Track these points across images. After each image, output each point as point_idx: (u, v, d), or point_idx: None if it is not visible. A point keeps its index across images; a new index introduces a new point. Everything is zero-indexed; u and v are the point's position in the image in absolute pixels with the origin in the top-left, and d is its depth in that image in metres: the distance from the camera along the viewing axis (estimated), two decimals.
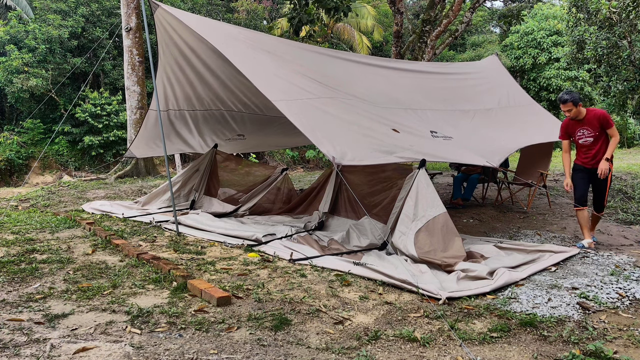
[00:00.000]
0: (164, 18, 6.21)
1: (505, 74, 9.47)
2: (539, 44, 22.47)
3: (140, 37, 12.60)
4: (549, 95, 22.42)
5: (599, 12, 11.12)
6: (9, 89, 15.34)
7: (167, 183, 7.12)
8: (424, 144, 5.62)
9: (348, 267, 4.49)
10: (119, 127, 16.27)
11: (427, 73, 8.25)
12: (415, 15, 25.30)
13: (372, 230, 5.47)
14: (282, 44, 6.93)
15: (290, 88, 5.46)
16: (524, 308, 3.60)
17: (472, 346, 2.99)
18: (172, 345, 2.93)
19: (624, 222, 6.80)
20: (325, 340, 3.05)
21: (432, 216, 4.78)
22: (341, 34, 21.24)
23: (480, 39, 27.46)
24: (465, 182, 8.27)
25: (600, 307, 3.62)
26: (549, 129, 7.99)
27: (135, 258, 4.75)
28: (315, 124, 5.04)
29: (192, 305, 3.56)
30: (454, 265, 4.39)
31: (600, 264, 4.71)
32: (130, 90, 12.68)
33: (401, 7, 12.36)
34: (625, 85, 12.10)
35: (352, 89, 6.28)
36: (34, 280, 4.08)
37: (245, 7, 20.34)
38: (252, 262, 4.77)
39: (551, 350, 2.93)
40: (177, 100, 7.47)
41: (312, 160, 18.78)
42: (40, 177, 15.80)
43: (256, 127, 8.70)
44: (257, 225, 6.35)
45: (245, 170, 8.25)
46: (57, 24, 16.12)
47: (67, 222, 6.50)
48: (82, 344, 2.88)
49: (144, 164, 13.13)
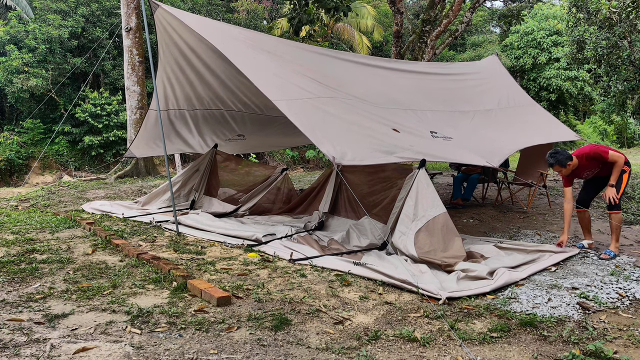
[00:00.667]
0: (164, 18, 6.21)
1: (505, 74, 9.47)
2: (539, 44, 22.48)
3: (140, 37, 12.60)
4: (549, 95, 22.43)
5: (599, 12, 11.12)
6: (9, 89, 15.34)
7: (167, 183, 7.12)
8: (424, 144, 5.61)
9: (348, 267, 4.49)
10: (119, 127, 16.26)
11: (427, 74, 8.24)
12: (415, 15, 25.30)
13: (372, 230, 5.47)
14: (282, 44, 6.93)
15: (291, 88, 5.46)
16: (524, 308, 3.60)
17: (472, 346, 2.99)
18: (172, 345, 2.93)
19: (624, 222, 6.80)
20: (325, 340, 3.05)
21: (432, 216, 4.78)
22: (341, 34, 21.23)
23: (480, 39, 27.47)
24: (465, 182, 8.27)
25: (600, 307, 3.62)
26: (549, 129, 7.99)
27: (135, 258, 4.75)
28: (315, 124, 5.04)
29: (192, 305, 3.56)
30: (454, 265, 4.40)
31: (600, 264, 4.72)
32: (130, 90, 12.68)
33: (401, 7, 12.36)
34: (625, 85, 12.10)
35: (352, 89, 6.28)
36: (34, 280, 4.08)
37: (245, 7, 20.34)
38: (252, 262, 4.77)
39: (551, 350, 2.94)
40: (177, 100, 7.47)
41: (312, 160, 18.77)
42: (40, 177, 15.80)
43: (256, 127, 8.70)
44: (257, 225, 6.35)
45: (245, 170, 8.25)
46: (57, 24, 16.12)
47: (67, 222, 6.50)
48: (82, 344, 2.88)
49: (144, 164, 13.13)
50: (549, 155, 5.14)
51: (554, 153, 5.13)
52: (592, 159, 5.09)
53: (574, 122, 25.54)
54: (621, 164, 4.97)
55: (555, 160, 5.08)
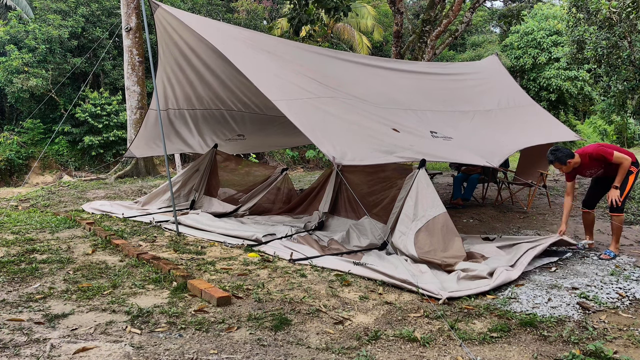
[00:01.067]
0: (164, 18, 6.21)
1: (505, 74, 9.47)
2: (539, 44, 22.48)
3: (140, 37, 12.60)
4: (549, 95, 22.43)
5: (599, 12, 11.12)
6: (9, 89, 15.34)
7: (167, 183, 7.12)
8: (424, 144, 5.62)
9: (348, 267, 4.49)
10: (119, 127, 16.26)
11: (427, 74, 8.25)
12: (415, 15, 25.30)
13: (372, 230, 5.47)
14: (282, 44, 6.93)
15: (291, 88, 5.46)
16: (524, 308, 3.60)
17: (472, 346, 2.99)
18: (172, 345, 2.93)
19: (624, 222, 6.80)
20: (325, 340, 3.05)
21: (432, 216, 4.78)
22: (341, 34, 21.23)
23: (480, 39, 27.47)
24: (465, 182, 8.27)
25: (600, 307, 3.62)
26: (549, 129, 7.99)
27: (135, 258, 4.75)
28: (315, 124, 5.04)
29: (192, 305, 3.56)
30: (454, 265, 4.40)
31: (600, 264, 4.72)
32: (130, 90, 12.68)
33: (401, 7, 12.36)
34: (625, 85, 12.11)
35: (352, 89, 6.28)
36: (34, 280, 4.08)
37: (245, 7, 20.34)
38: (252, 262, 4.77)
39: (551, 350, 2.94)
40: (177, 100, 7.47)
41: (312, 160, 18.77)
42: (40, 177, 15.80)
43: (256, 127, 8.70)
44: (257, 225, 6.35)
45: (245, 170, 8.25)
46: (57, 24, 16.12)
47: (67, 222, 6.50)
48: (82, 344, 2.88)
49: (144, 164, 13.13)
50: (550, 152, 5.12)
51: (555, 150, 5.10)
52: (595, 159, 5.03)
53: (574, 122, 25.54)
54: (627, 165, 4.87)
55: (555, 157, 5.06)
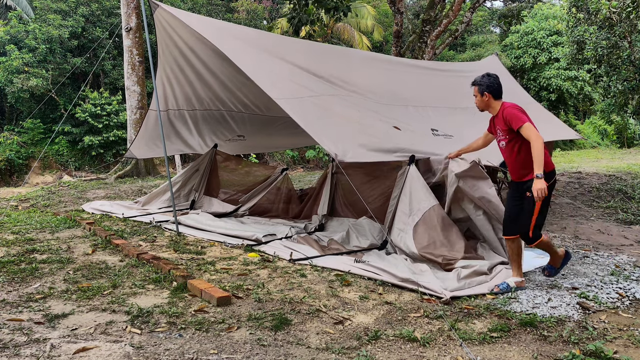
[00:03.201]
0: (164, 18, 6.21)
1: (505, 73, 9.46)
2: (539, 44, 22.49)
3: (140, 37, 12.60)
4: (549, 95, 22.45)
5: (599, 12, 11.11)
6: (9, 89, 15.34)
7: (167, 183, 7.12)
8: (425, 142, 5.61)
9: (348, 267, 4.49)
10: (119, 127, 16.27)
11: (428, 69, 8.23)
12: (415, 15, 25.25)
13: (371, 230, 5.47)
14: (282, 42, 6.91)
15: (291, 86, 5.46)
16: (524, 308, 3.60)
17: (472, 346, 2.99)
18: (172, 345, 2.92)
19: (624, 222, 6.80)
20: (325, 340, 3.05)
21: (426, 208, 4.77)
22: (341, 34, 21.24)
23: (480, 39, 27.45)
24: None
25: (600, 307, 3.62)
26: (548, 128, 7.97)
27: (135, 258, 4.75)
28: (316, 122, 5.05)
29: (192, 305, 3.56)
30: (454, 263, 4.39)
31: (600, 264, 4.72)
32: (130, 90, 12.68)
33: (401, 7, 12.36)
34: (626, 85, 12.10)
35: (353, 84, 6.22)
36: (34, 280, 4.08)
37: (245, 7, 20.34)
38: (252, 262, 4.77)
39: (551, 350, 2.93)
40: (176, 100, 7.46)
41: (312, 160, 18.77)
42: (40, 177, 15.80)
43: (256, 127, 8.69)
44: (257, 225, 6.35)
45: (245, 171, 8.25)
46: (57, 24, 16.12)
47: (67, 222, 6.50)
48: (82, 344, 2.88)
49: (144, 164, 13.13)
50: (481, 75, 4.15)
51: (487, 75, 4.11)
52: (504, 120, 3.91)
53: (574, 122, 25.55)
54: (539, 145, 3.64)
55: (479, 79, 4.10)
